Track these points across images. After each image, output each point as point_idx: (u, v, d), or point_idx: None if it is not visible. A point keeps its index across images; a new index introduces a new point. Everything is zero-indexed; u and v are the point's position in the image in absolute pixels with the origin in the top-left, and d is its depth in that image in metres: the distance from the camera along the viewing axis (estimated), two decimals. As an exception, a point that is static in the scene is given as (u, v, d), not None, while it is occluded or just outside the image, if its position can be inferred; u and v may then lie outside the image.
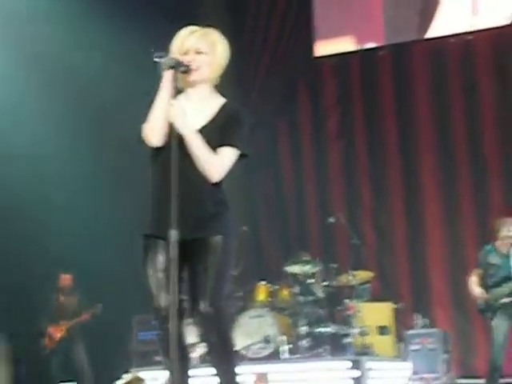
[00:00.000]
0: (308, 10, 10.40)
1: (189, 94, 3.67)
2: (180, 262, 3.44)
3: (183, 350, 3.57)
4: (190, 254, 3.53)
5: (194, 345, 7.20)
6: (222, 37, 3.71)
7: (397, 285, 9.56)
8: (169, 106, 3.50)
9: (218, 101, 3.69)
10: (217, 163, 3.54)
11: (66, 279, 9.59)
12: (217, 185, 3.59)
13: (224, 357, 3.58)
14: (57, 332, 9.43)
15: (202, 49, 3.60)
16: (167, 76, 3.54)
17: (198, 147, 3.50)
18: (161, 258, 3.60)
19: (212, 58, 3.61)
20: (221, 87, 3.78)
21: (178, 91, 3.63)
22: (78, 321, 9.45)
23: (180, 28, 3.70)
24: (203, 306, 3.50)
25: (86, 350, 9.48)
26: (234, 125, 3.60)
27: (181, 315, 3.53)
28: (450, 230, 9.51)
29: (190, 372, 3.66)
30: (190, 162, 3.51)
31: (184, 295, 3.58)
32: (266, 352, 7.80)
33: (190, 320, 3.59)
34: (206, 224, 3.54)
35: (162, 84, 3.56)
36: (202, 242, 3.53)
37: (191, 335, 3.78)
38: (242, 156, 3.64)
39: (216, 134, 3.56)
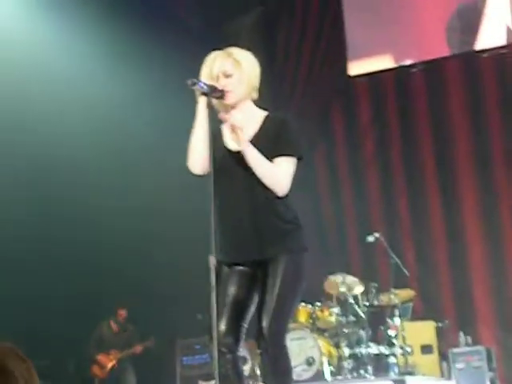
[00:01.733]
0: (341, 29, 10.40)
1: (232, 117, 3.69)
2: (251, 281, 3.47)
3: (239, 375, 3.55)
4: (261, 275, 3.53)
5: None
6: (246, 51, 3.72)
7: (439, 303, 9.46)
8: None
9: (261, 113, 3.69)
10: (280, 175, 3.51)
11: (121, 314, 9.58)
12: (282, 201, 3.55)
13: (277, 379, 3.51)
14: (108, 361, 9.38)
15: (229, 70, 3.62)
16: (202, 103, 3.57)
17: (258, 163, 3.49)
18: (230, 285, 3.57)
19: (240, 76, 3.62)
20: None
21: (220, 120, 3.69)
22: (131, 352, 9.42)
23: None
24: (265, 325, 3.46)
25: (136, 380, 9.45)
26: (282, 133, 3.58)
27: (238, 340, 3.53)
28: (491, 246, 9.40)
29: None
30: (253, 181, 3.50)
31: (246, 322, 3.56)
32: (309, 374, 7.77)
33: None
34: (272, 244, 3.50)
35: (197, 111, 3.59)
36: (270, 263, 3.50)
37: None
38: (298, 160, 3.62)
39: (265, 145, 3.54)
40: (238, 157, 3.54)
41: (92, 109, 9.19)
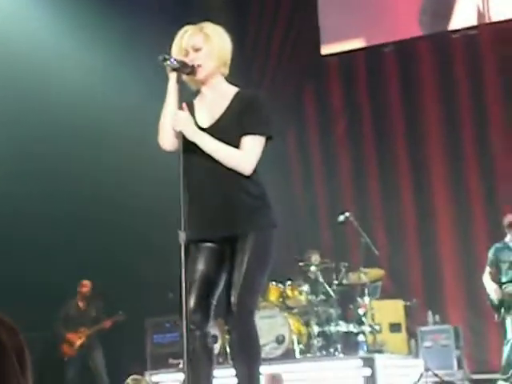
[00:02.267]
0: (314, 11, 10.37)
1: (203, 93, 3.66)
2: (219, 259, 3.47)
3: (208, 353, 3.55)
4: (229, 252, 3.52)
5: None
6: (216, 26, 3.68)
7: (408, 282, 9.54)
8: (174, 114, 3.49)
9: (232, 90, 3.66)
10: (241, 157, 3.48)
11: (85, 286, 9.51)
12: (251, 178, 3.53)
13: (245, 357, 3.51)
14: (76, 339, 9.31)
15: (198, 44, 3.57)
16: (172, 79, 3.54)
17: (214, 150, 3.47)
18: (199, 262, 3.55)
19: (210, 50, 3.58)
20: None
21: (196, 92, 3.66)
22: (100, 328, 9.35)
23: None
24: (233, 302, 3.45)
25: (103, 356, 9.43)
26: (252, 111, 3.54)
27: (207, 317, 3.52)
28: (461, 227, 9.49)
29: (213, 373, 3.59)
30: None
31: (215, 298, 3.55)
32: (278, 352, 7.82)
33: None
34: (241, 221, 3.49)
35: (168, 87, 3.57)
36: (239, 239, 3.49)
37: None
38: (268, 139, 3.60)
39: (235, 123, 3.51)
40: (208, 133, 3.52)
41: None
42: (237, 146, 3.51)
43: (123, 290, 9.33)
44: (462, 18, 9.67)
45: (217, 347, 7.99)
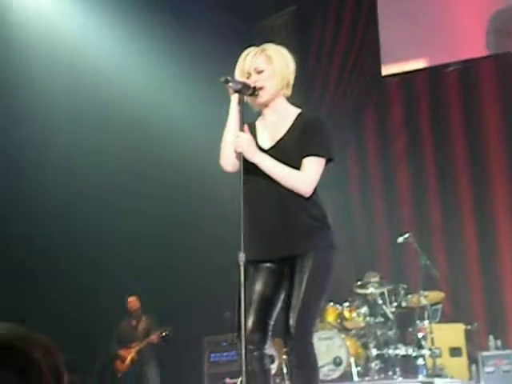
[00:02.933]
0: (375, 31, 10.34)
1: (265, 115, 3.69)
2: (278, 279, 3.47)
3: (265, 374, 3.55)
4: (288, 272, 3.53)
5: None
6: (278, 47, 3.71)
7: (469, 306, 9.38)
8: (236, 136, 3.51)
9: (294, 111, 3.68)
10: (301, 178, 3.50)
11: (133, 302, 9.60)
12: (310, 199, 3.54)
13: (303, 378, 3.50)
14: (127, 354, 9.41)
15: (261, 66, 3.61)
16: (234, 100, 3.58)
17: (274, 170, 3.49)
18: (257, 282, 3.57)
19: (272, 71, 3.61)
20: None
21: (258, 113, 3.69)
22: (147, 342, 9.41)
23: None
24: (292, 323, 3.45)
25: (158, 373, 9.47)
26: (313, 132, 3.57)
27: (265, 337, 3.53)
28: (523, 249, 9.32)
29: None
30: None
31: (272, 319, 3.55)
32: (336, 374, 7.76)
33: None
34: (299, 241, 3.50)
35: (230, 109, 3.60)
36: (298, 260, 3.50)
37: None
38: (328, 161, 3.61)
39: (296, 144, 3.54)
40: (269, 154, 3.54)
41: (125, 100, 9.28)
42: (298, 167, 3.52)
43: (183, 308, 9.38)
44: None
45: (274, 368, 7.97)
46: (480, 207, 9.62)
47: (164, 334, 9.38)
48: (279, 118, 3.64)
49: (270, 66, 3.61)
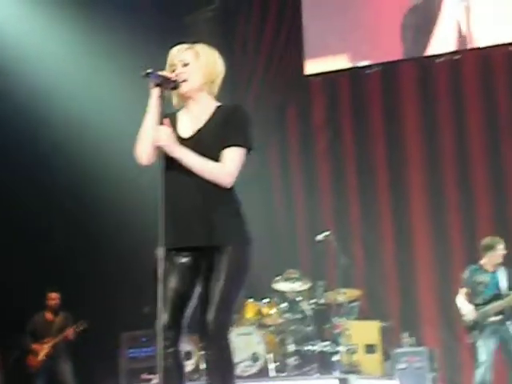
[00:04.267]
0: (299, 28, 10.43)
1: (188, 107, 3.69)
2: (194, 274, 3.47)
3: (180, 370, 3.54)
4: (204, 268, 3.52)
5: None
6: (207, 47, 3.73)
7: (385, 303, 9.56)
8: (155, 130, 3.50)
9: (213, 104, 3.69)
10: (220, 169, 3.50)
11: (53, 298, 9.41)
12: (228, 194, 3.55)
13: (219, 374, 3.48)
14: (40, 349, 9.23)
15: (187, 60, 3.61)
16: (154, 93, 3.56)
17: (194, 164, 3.48)
18: (172, 278, 3.53)
19: (198, 66, 3.62)
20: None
21: (181, 107, 3.68)
22: (63, 337, 9.24)
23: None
24: (209, 319, 3.45)
25: (72, 369, 9.28)
26: (232, 123, 3.57)
27: (180, 333, 3.51)
28: (438, 249, 9.54)
29: None
30: None
31: (188, 315, 3.54)
32: (254, 370, 7.79)
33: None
34: (215, 232, 3.49)
35: (149, 102, 3.58)
36: (214, 255, 3.50)
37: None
38: (249, 151, 3.61)
39: (216, 134, 3.53)
40: (189, 145, 3.53)
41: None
42: (216, 157, 3.53)
43: (99, 303, 9.27)
44: (445, 42, 9.75)
45: (191, 364, 7.95)
46: (398, 206, 9.82)
47: (81, 328, 9.21)
48: (200, 110, 3.65)
49: (196, 61, 3.62)
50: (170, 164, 3.47)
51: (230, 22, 10.80)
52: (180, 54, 3.63)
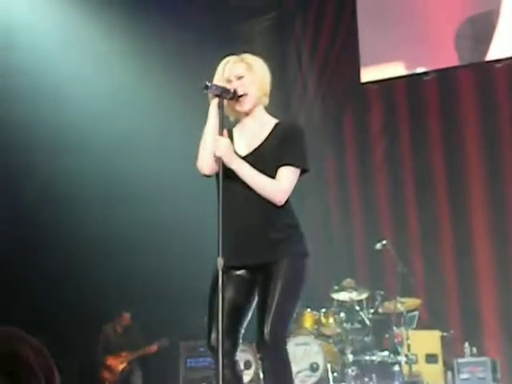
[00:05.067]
0: (354, 35, 10.39)
1: (244, 122, 3.71)
2: (250, 286, 3.48)
3: (238, 380, 3.55)
4: (260, 280, 3.54)
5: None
6: (256, 57, 3.74)
7: (445, 313, 9.42)
8: (215, 140, 3.52)
9: (271, 121, 3.70)
10: (275, 186, 3.52)
11: (126, 319, 9.48)
12: (284, 208, 3.57)
13: None
14: (118, 364, 9.25)
15: (241, 73, 3.63)
16: (213, 104, 3.58)
17: (250, 177, 3.51)
18: (229, 289, 3.54)
19: (252, 78, 3.63)
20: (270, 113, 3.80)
21: (236, 122, 3.70)
22: (145, 353, 9.29)
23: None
24: (266, 330, 3.46)
25: (143, 381, 9.36)
26: (290, 142, 3.59)
27: (236, 345, 3.53)
28: (500, 258, 9.36)
29: None
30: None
31: (243, 326, 3.56)
32: (312, 380, 7.76)
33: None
34: (272, 248, 3.51)
35: (209, 113, 3.61)
36: (270, 267, 3.51)
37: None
38: (303, 171, 3.63)
39: (273, 153, 3.56)
40: (246, 161, 3.55)
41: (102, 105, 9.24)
42: (273, 176, 3.54)
43: (159, 314, 9.33)
44: (503, 48, 9.60)
45: (250, 373, 7.95)
46: (457, 214, 9.68)
47: (165, 345, 9.28)
48: (257, 126, 3.66)
49: (250, 73, 3.64)
50: (228, 177, 3.49)
51: (284, 33, 10.81)
52: (233, 68, 3.64)
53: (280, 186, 3.52)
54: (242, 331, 3.57)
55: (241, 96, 3.59)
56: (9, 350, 1.39)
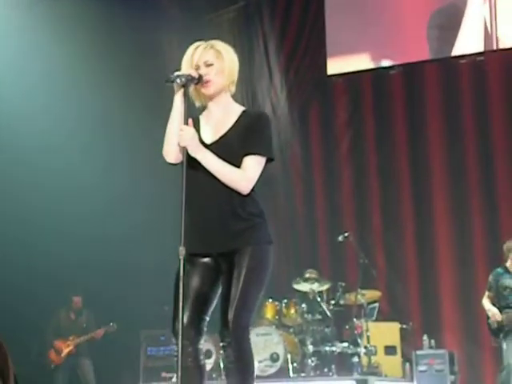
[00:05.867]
0: (321, 27, 10.41)
1: (210, 109, 3.69)
2: (215, 274, 3.48)
3: (200, 369, 3.55)
4: (225, 268, 3.53)
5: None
6: (226, 45, 3.73)
7: (405, 305, 9.52)
8: (180, 130, 3.51)
9: (238, 108, 3.69)
10: (240, 176, 3.51)
11: (77, 301, 9.49)
12: (249, 196, 3.56)
13: (239, 373, 3.48)
14: (64, 347, 9.28)
15: (210, 60, 3.61)
16: (179, 94, 3.56)
17: (214, 167, 3.49)
18: (193, 277, 3.54)
19: (221, 66, 3.62)
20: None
21: (203, 108, 3.68)
22: (91, 337, 9.31)
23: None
24: (230, 318, 3.45)
25: (93, 367, 9.37)
26: (256, 131, 3.57)
27: (200, 333, 3.53)
28: (460, 251, 9.48)
29: None
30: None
31: (208, 314, 3.56)
32: (273, 370, 7.79)
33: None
34: (237, 237, 3.50)
35: (174, 101, 3.59)
36: (235, 255, 3.51)
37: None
38: (268, 160, 3.63)
39: (239, 141, 3.54)
40: (212, 150, 3.54)
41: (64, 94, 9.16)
42: (238, 164, 3.53)
43: (119, 302, 9.29)
44: (469, 43, 9.69)
45: (211, 362, 7.97)
46: (419, 207, 9.77)
47: (111, 330, 9.28)
48: (223, 114, 3.65)
49: (219, 61, 3.62)
50: (192, 166, 3.48)
51: (252, 21, 10.78)
52: (202, 55, 3.62)
53: (245, 175, 3.51)
54: (207, 319, 3.56)
55: (207, 81, 3.58)
56: None
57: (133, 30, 9.24)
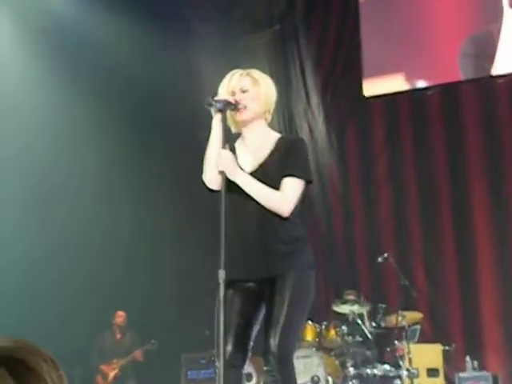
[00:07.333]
0: (357, 49, 10.42)
1: (244, 137, 3.72)
2: (258, 299, 3.49)
3: None
4: (268, 292, 3.54)
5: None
6: (263, 74, 3.77)
7: (447, 326, 9.41)
8: (218, 154, 3.54)
9: (274, 136, 3.72)
10: (280, 198, 3.52)
11: (120, 316, 9.50)
12: (289, 220, 3.57)
13: None
14: (110, 370, 9.28)
15: (246, 86, 3.66)
16: (216, 119, 3.60)
17: (254, 190, 3.52)
18: (237, 302, 3.57)
19: (256, 93, 3.66)
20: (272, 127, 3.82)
21: (237, 136, 3.72)
22: (132, 359, 9.33)
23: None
24: (272, 343, 3.46)
25: None
26: (293, 154, 3.61)
27: (245, 358, 3.53)
28: (502, 271, 9.35)
29: None
30: None
31: (252, 339, 3.56)
32: (314, 393, 7.74)
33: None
34: (279, 261, 3.51)
35: (212, 126, 3.63)
36: (278, 280, 3.51)
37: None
38: (307, 183, 3.64)
39: (277, 166, 3.57)
40: (250, 175, 3.57)
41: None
42: (278, 189, 3.56)
43: (161, 324, 9.33)
44: (506, 62, 9.62)
45: (252, 386, 7.94)
46: (460, 228, 9.68)
47: (152, 348, 9.27)
48: (260, 142, 3.68)
49: (255, 88, 3.66)
50: (233, 191, 3.51)
51: (288, 44, 10.83)
52: (239, 81, 3.67)
53: (285, 196, 3.53)
54: (252, 344, 3.57)
55: (243, 107, 3.62)
56: (19, 356, 1.40)
57: (167, 51, 9.33)
